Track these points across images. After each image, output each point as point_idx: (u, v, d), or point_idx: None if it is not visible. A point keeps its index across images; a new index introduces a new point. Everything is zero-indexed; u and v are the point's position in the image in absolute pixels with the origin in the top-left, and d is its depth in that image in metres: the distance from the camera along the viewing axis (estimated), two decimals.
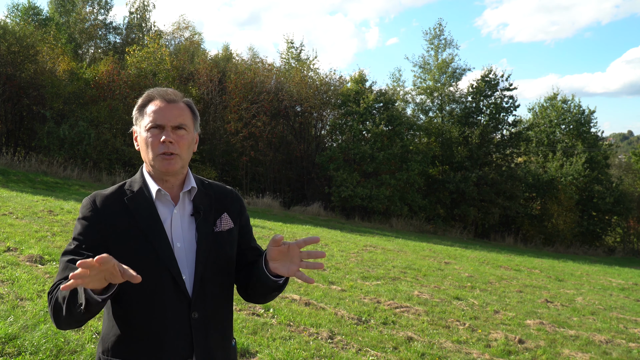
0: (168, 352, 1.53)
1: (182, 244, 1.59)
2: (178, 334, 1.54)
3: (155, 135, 1.58)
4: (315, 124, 24.08)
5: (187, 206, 1.65)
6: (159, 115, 1.58)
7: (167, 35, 27.59)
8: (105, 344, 1.58)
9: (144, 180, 1.64)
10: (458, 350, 5.03)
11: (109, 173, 18.67)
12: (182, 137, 1.60)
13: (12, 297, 4.50)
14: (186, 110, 1.64)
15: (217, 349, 1.62)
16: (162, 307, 1.53)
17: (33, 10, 24.29)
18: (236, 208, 1.76)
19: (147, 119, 1.60)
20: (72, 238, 1.57)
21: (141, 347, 1.53)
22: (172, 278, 1.54)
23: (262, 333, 4.65)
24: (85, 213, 1.58)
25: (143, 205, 1.59)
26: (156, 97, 1.62)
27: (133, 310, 1.53)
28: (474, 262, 12.03)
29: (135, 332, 1.54)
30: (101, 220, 1.56)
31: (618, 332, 6.62)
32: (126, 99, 19.81)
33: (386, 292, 7.09)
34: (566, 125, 27.28)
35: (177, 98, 1.64)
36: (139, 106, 1.65)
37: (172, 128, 1.59)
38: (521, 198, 24.68)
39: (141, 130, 1.62)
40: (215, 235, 1.65)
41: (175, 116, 1.60)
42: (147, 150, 1.59)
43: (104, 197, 1.61)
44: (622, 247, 26.47)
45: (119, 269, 1.29)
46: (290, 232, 12.10)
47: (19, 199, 10.40)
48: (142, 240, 1.55)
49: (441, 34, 26.25)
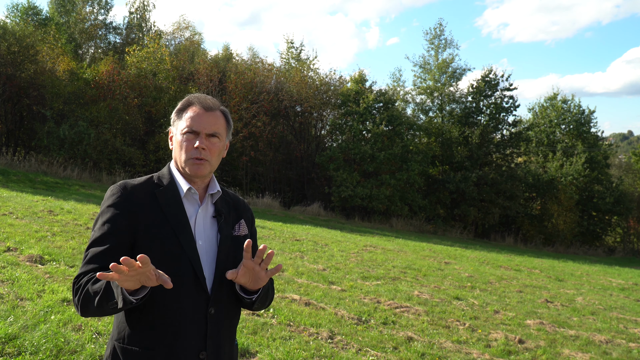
0: (183, 344, 1.59)
1: (204, 242, 1.67)
2: (194, 327, 1.60)
3: (189, 140, 1.66)
4: (315, 124, 24.08)
5: (209, 208, 1.74)
6: (195, 121, 1.67)
7: (167, 35, 27.58)
8: (120, 332, 1.62)
9: (172, 177, 1.72)
10: (458, 350, 5.03)
11: (109, 173, 18.66)
12: (214, 145, 1.68)
13: (12, 297, 4.50)
14: (221, 118, 1.73)
15: (226, 345, 1.70)
16: (181, 300, 1.58)
17: (33, 10, 24.27)
18: (249, 217, 1.88)
19: (183, 123, 1.68)
20: (99, 226, 1.60)
21: (157, 337, 1.58)
22: (194, 273, 1.60)
23: (262, 333, 4.65)
24: (115, 200, 1.62)
25: (172, 199, 1.66)
26: (195, 103, 1.70)
27: (152, 301, 1.57)
28: (474, 262, 12.03)
29: (152, 321, 1.58)
30: (131, 207, 1.61)
31: (618, 332, 6.62)
32: (126, 99, 19.81)
33: (386, 292, 7.09)
34: (566, 125, 27.26)
35: (214, 106, 1.72)
36: (178, 110, 1.73)
37: (206, 135, 1.67)
38: (521, 198, 24.66)
39: (177, 132, 1.71)
40: (234, 239, 1.74)
41: (211, 124, 1.68)
42: (180, 153, 1.68)
43: (134, 186, 1.67)
44: (622, 247, 26.46)
45: (155, 272, 1.38)
46: (290, 232, 12.11)
47: (19, 199, 10.40)
48: (169, 233, 1.60)
49: (441, 34, 26.25)
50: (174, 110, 1.76)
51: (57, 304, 4.49)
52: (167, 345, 1.57)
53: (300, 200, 22.23)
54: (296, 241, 10.70)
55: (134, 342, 1.58)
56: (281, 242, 10.38)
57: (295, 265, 8.06)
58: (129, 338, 1.59)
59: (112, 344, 1.63)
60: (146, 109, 20.46)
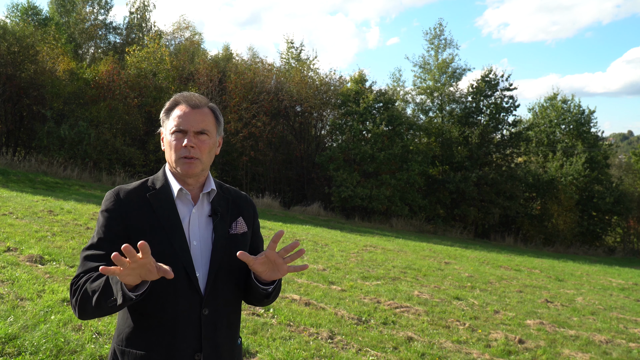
0: (179, 345, 1.60)
1: (199, 242, 1.67)
2: (188, 328, 1.61)
3: (178, 139, 1.66)
4: (315, 124, 24.08)
5: (205, 207, 1.73)
6: (182, 120, 1.66)
7: (167, 35, 27.59)
8: (120, 335, 1.64)
9: (166, 179, 1.73)
10: (458, 350, 5.03)
11: (109, 173, 18.66)
12: (204, 142, 1.67)
13: (12, 297, 4.50)
14: (209, 115, 1.71)
15: (224, 345, 1.69)
16: (175, 301, 1.60)
17: (33, 10, 24.27)
18: (250, 213, 1.85)
19: (171, 123, 1.68)
20: (96, 231, 1.64)
21: (154, 339, 1.59)
22: (187, 274, 1.61)
23: (262, 333, 4.65)
24: (109, 206, 1.65)
25: (164, 202, 1.67)
26: (182, 102, 1.70)
27: (147, 303, 1.58)
28: (474, 262, 12.03)
29: (148, 324, 1.60)
30: (124, 212, 1.63)
31: (618, 332, 6.62)
32: (126, 99, 19.81)
33: (386, 292, 7.09)
34: (566, 125, 27.26)
35: (201, 104, 1.70)
36: (166, 110, 1.73)
37: (195, 133, 1.66)
38: (521, 198, 24.65)
39: (166, 133, 1.70)
40: (230, 237, 1.73)
41: (198, 122, 1.67)
42: (171, 153, 1.68)
43: (128, 191, 1.68)
44: (622, 247, 26.45)
45: (155, 264, 1.38)
46: (290, 232, 12.11)
47: (19, 199, 10.40)
48: (161, 236, 1.61)
49: (441, 34, 26.24)
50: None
51: (57, 304, 4.49)
52: (164, 347, 1.58)
53: (300, 200, 22.23)
54: None
55: (132, 345, 1.60)
56: (281, 242, 10.38)
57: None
58: (127, 340, 1.61)
59: (113, 346, 1.66)
60: (146, 109, 20.46)
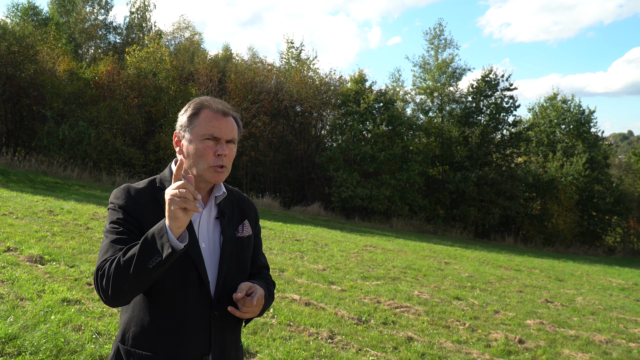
0: (187, 347, 1.58)
1: (207, 245, 1.65)
2: (198, 330, 1.60)
3: (210, 147, 1.61)
4: (315, 124, 24.07)
5: (213, 209, 1.71)
6: (216, 128, 1.62)
7: (167, 35, 27.60)
8: (125, 334, 1.60)
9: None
10: (458, 350, 5.03)
11: (109, 173, 18.66)
12: (232, 151, 1.67)
13: (12, 297, 4.50)
14: (234, 123, 1.69)
15: (231, 347, 1.69)
16: (185, 303, 1.58)
17: (33, 10, 24.28)
18: (253, 216, 1.84)
19: (202, 129, 1.62)
20: (110, 224, 1.57)
21: (162, 340, 1.57)
22: (198, 276, 1.59)
23: (262, 333, 4.64)
24: (120, 202, 1.60)
25: None
26: (210, 107, 1.65)
27: (157, 304, 1.57)
28: (474, 262, 12.03)
29: (157, 324, 1.57)
30: (136, 209, 1.59)
31: (618, 332, 6.62)
32: (126, 99, 19.81)
33: (386, 292, 7.09)
34: (566, 125, 27.26)
35: (229, 111, 1.68)
36: (191, 115, 1.66)
37: (226, 142, 1.64)
38: (521, 198, 24.64)
39: (192, 138, 1.63)
40: (237, 240, 1.72)
41: (230, 130, 1.65)
42: (198, 160, 1.62)
43: (138, 190, 1.64)
44: (622, 247, 26.46)
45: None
46: (290, 232, 12.10)
47: (19, 199, 10.40)
48: None
49: (441, 34, 26.21)
50: (179, 112, 1.72)
51: (57, 304, 4.49)
52: (171, 349, 1.56)
53: (300, 200, 22.22)
54: (296, 241, 10.70)
55: (138, 345, 1.57)
56: (281, 242, 10.38)
57: (295, 265, 8.06)
58: (133, 340, 1.58)
59: (116, 345, 1.62)
60: (146, 109, 20.46)
